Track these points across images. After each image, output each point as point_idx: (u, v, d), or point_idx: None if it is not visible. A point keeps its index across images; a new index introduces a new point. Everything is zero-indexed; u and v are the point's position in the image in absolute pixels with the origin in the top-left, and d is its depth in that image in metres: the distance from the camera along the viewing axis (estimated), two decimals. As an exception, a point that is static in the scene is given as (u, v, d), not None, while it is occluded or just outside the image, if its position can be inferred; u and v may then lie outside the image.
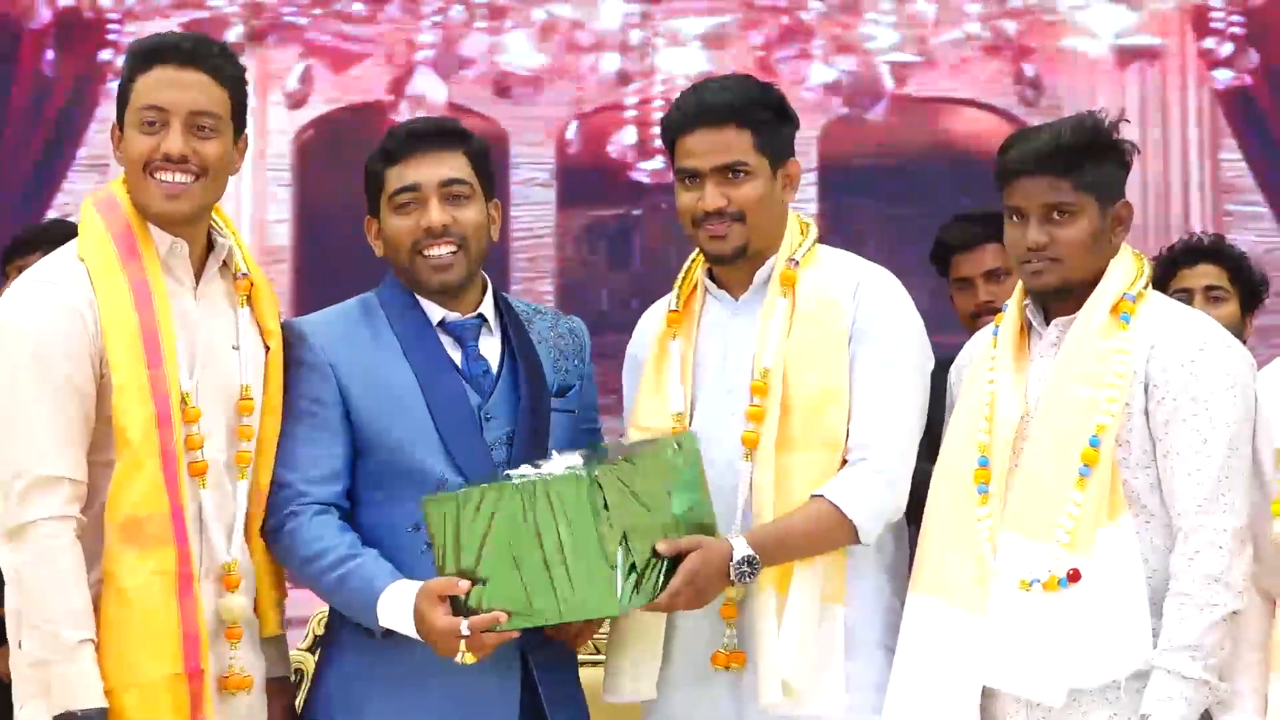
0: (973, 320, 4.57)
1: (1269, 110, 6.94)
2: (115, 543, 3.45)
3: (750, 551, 3.58)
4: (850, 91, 6.99)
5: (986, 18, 7.02)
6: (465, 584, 3.43)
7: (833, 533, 3.65)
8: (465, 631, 3.43)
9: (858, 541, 3.67)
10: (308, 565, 3.61)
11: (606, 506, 3.43)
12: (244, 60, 3.71)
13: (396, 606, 3.51)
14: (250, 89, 3.72)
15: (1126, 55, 6.99)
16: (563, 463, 3.49)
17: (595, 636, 3.84)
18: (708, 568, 3.56)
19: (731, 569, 3.57)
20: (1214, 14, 6.98)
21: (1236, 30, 6.96)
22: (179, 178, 3.56)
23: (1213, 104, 6.96)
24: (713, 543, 3.59)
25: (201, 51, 3.61)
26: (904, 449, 3.71)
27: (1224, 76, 6.97)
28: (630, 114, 7.01)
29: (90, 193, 3.73)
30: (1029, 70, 6.98)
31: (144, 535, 3.44)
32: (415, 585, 3.50)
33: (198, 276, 3.64)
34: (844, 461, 3.70)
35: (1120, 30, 7.00)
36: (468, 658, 3.45)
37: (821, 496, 3.65)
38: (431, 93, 7.02)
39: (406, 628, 3.50)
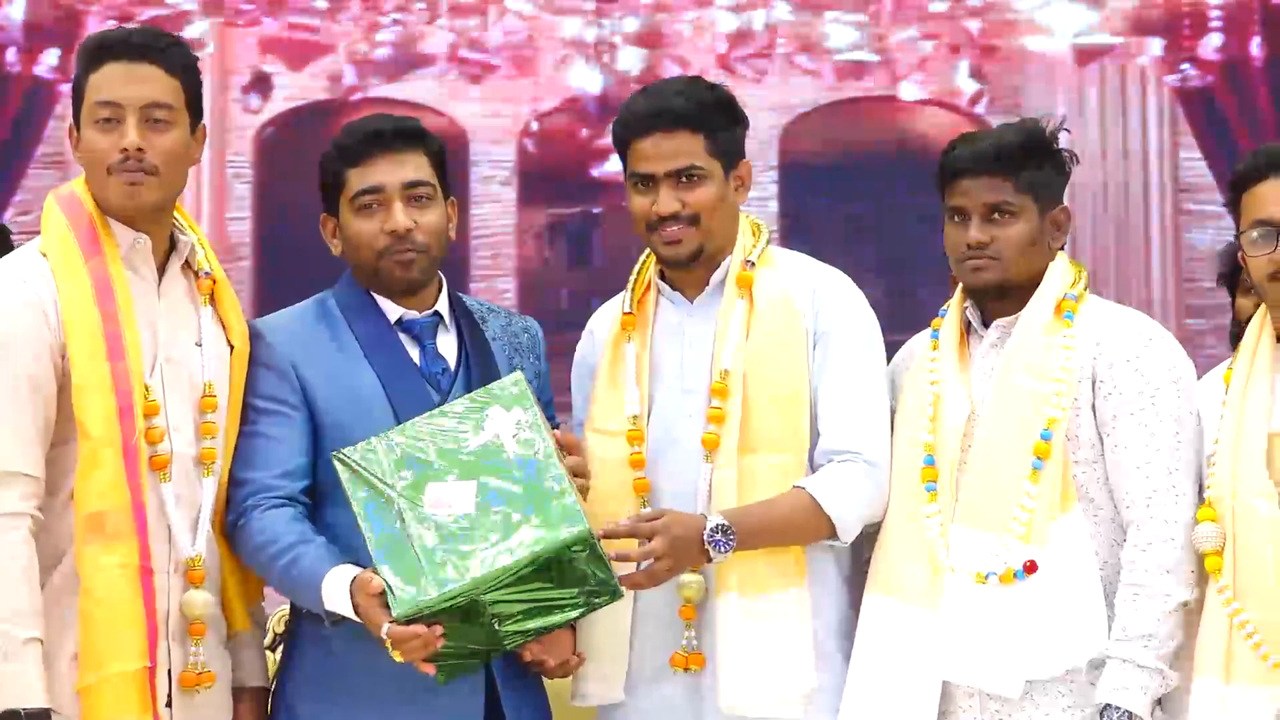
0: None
1: (1228, 110, 6.99)
2: (81, 537, 3.44)
3: (724, 521, 3.59)
4: (810, 90, 7.01)
5: (946, 16, 7.05)
6: (379, 584, 3.40)
7: (811, 526, 3.67)
8: (383, 634, 3.40)
9: (835, 538, 3.68)
10: (259, 554, 3.59)
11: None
12: (203, 56, 3.68)
13: (338, 592, 3.49)
14: (210, 86, 3.69)
15: (1086, 55, 7.02)
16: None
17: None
18: (686, 533, 3.57)
19: (705, 536, 3.58)
20: (1175, 14, 7.02)
21: (1197, 30, 7.01)
22: (138, 175, 3.54)
23: (1173, 104, 7.01)
24: (682, 513, 3.61)
25: (152, 44, 3.60)
26: (884, 450, 3.73)
27: (1181, 76, 7.02)
28: (590, 113, 7.04)
29: (51, 189, 3.73)
30: (989, 69, 7.03)
31: (106, 529, 3.44)
32: (354, 571, 3.48)
33: (160, 274, 3.63)
34: (813, 465, 3.70)
35: (1080, 30, 7.03)
36: (395, 656, 3.41)
37: (802, 489, 3.66)
38: (391, 90, 7.04)
39: (348, 613, 3.48)
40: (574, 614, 3.53)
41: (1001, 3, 7.05)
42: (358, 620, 3.46)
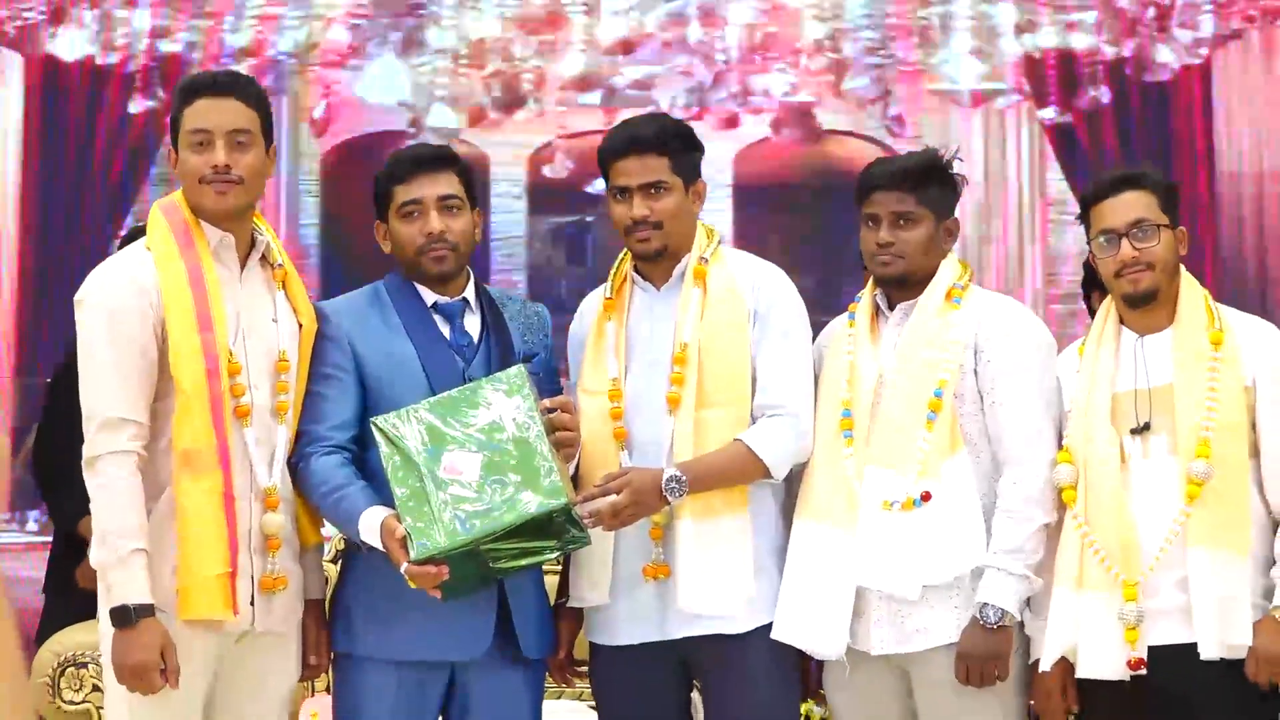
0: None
1: (1083, 141, 6.97)
2: (177, 469, 3.44)
3: (676, 471, 3.58)
4: (760, 124, 6.98)
5: (866, 66, 7.03)
6: (402, 531, 3.40)
7: (749, 469, 3.64)
8: (402, 570, 3.41)
9: (770, 477, 3.66)
10: (313, 491, 3.58)
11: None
12: (284, 98, 3.68)
13: (370, 529, 3.48)
14: (286, 120, 3.69)
15: (977, 98, 7.00)
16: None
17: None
18: (645, 484, 3.56)
19: (663, 485, 3.57)
20: (1045, 67, 7.00)
21: (1062, 80, 7.00)
22: (225, 186, 3.54)
23: (1041, 135, 6.99)
24: (644, 468, 3.61)
25: (232, 83, 3.61)
26: (808, 404, 3.71)
27: (1049, 115, 7.00)
28: (589, 142, 7.02)
29: (158, 200, 3.72)
30: (900, 109, 7.01)
31: (196, 463, 3.43)
32: (384, 512, 3.47)
33: (243, 265, 3.62)
34: (753, 417, 3.68)
35: (971, 78, 7.01)
36: (410, 584, 3.41)
37: (740, 441, 3.65)
38: (432, 123, 7.02)
39: (377, 546, 3.48)
40: (551, 556, 3.54)
41: (912, 58, 7.02)
42: (384, 551, 3.47)
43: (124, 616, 3.38)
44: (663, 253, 3.74)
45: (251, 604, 3.50)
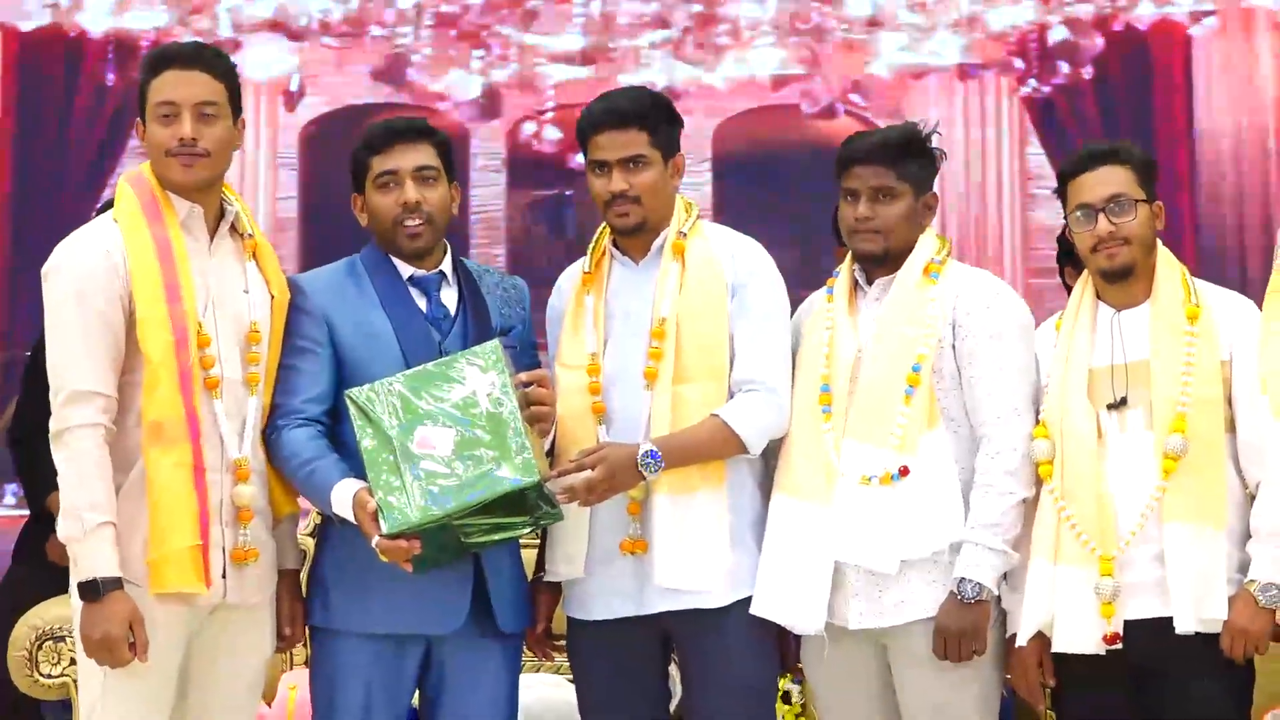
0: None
1: (1063, 116, 6.96)
2: (146, 441, 3.42)
3: (652, 447, 3.57)
4: (740, 98, 6.96)
5: (843, 45, 7.01)
6: (374, 505, 3.38)
7: (725, 444, 3.63)
8: (374, 544, 3.40)
9: (746, 452, 3.66)
10: (286, 465, 3.57)
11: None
12: (254, 70, 3.64)
13: (342, 502, 3.47)
14: (263, 95, 3.67)
15: (959, 73, 6.98)
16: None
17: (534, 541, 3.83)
18: (620, 459, 3.56)
19: (639, 460, 3.56)
20: (1025, 44, 6.99)
21: (1042, 56, 6.99)
22: (192, 158, 3.53)
23: (1021, 110, 6.98)
24: (619, 444, 3.60)
25: (199, 54, 3.59)
26: (784, 380, 3.70)
27: (1029, 89, 6.99)
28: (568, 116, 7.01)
29: (124, 172, 3.69)
30: (879, 84, 6.98)
31: (165, 435, 3.41)
32: (356, 485, 3.46)
33: (212, 236, 3.60)
34: (731, 392, 3.66)
35: (953, 53, 7.00)
36: (382, 558, 3.41)
37: (717, 416, 3.63)
38: (410, 99, 6.99)
39: (349, 518, 3.47)
40: (525, 531, 3.52)
41: (888, 36, 7.01)
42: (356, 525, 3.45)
43: (91, 590, 3.36)
44: (641, 227, 3.73)
45: (224, 576, 3.49)
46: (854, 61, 7.00)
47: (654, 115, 3.72)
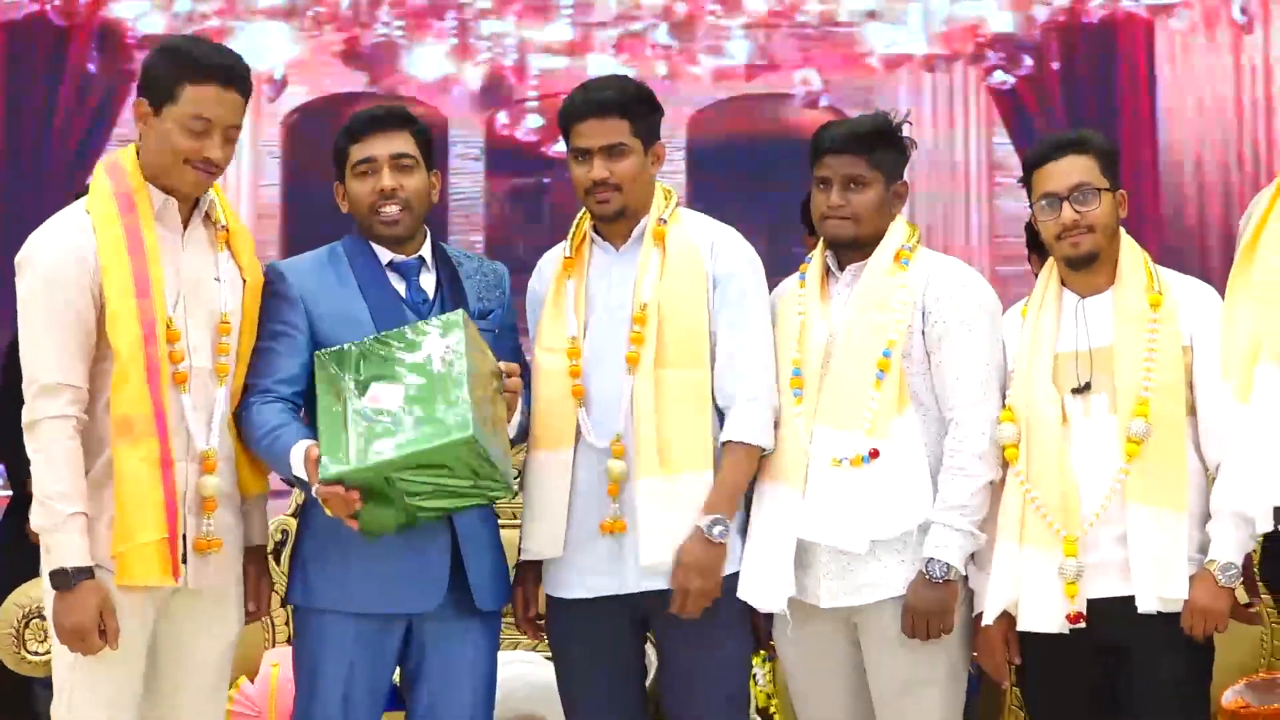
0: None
1: (1029, 106, 7.00)
2: (114, 436, 3.41)
3: (708, 517, 3.58)
4: (714, 88, 6.99)
5: (818, 37, 7.04)
6: (315, 452, 3.41)
7: (750, 460, 3.65)
8: (313, 493, 3.44)
9: (766, 453, 3.66)
10: (252, 435, 3.56)
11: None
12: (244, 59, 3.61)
13: (297, 460, 3.47)
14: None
15: (927, 63, 7.01)
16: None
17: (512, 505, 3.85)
18: (692, 552, 3.56)
19: (707, 534, 3.57)
20: (993, 36, 7.02)
21: (1010, 47, 7.02)
22: (207, 176, 3.53)
23: (988, 101, 7.02)
24: (684, 544, 3.58)
25: (242, 75, 3.55)
26: (772, 381, 3.70)
27: (996, 79, 7.03)
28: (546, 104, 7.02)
29: (103, 158, 3.65)
30: (851, 74, 7.01)
31: (133, 430, 3.39)
32: (309, 442, 3.47)
33: (186, 226, 3.57)
34: (720, 390, 3.67)
35: (921, 44, 7.03)
36: (327, 510, 3.42)
37: (731, 441, 3.63)
38: (390, 89, 6.99)
39: (304, 476, 3.47)
40: (473, 502, 3.53)
41: (859, 27, 7.05)
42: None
43: (63, 579, 3.36)
44: (621, 214, 3.74)
45: (184, 562, 3.47)
46: (826, 52, 7.02)
47: (635, 104, 3.74)
